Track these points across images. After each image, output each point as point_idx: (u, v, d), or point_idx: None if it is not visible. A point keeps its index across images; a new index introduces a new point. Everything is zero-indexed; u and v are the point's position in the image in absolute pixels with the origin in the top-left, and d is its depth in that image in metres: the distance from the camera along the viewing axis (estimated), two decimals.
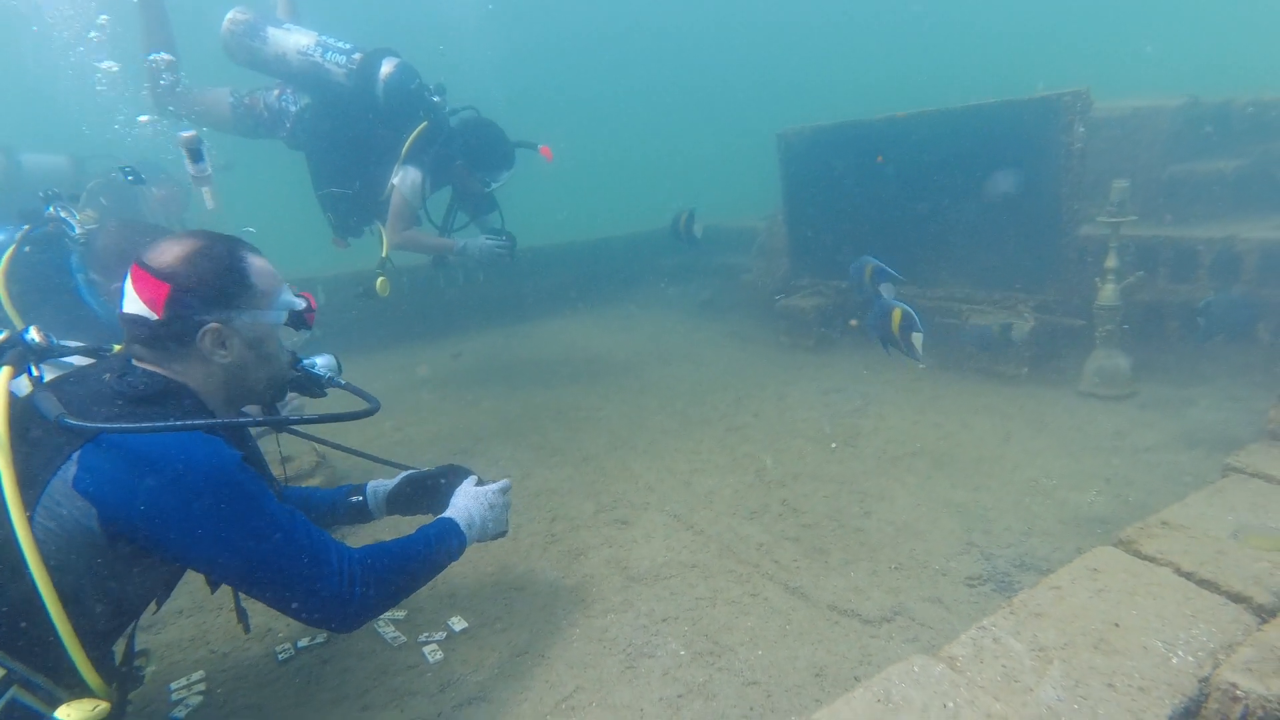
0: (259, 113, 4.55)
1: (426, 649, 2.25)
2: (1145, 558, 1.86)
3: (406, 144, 4.35)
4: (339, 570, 1.62)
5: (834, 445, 3.71)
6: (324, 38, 4.37)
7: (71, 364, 1.79)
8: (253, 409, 1.99)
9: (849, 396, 4.47)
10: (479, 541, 2.10)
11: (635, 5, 25.61)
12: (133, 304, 1.60)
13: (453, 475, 2.27)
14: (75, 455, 1.43)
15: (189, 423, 1.52)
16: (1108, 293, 4.02)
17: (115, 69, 5.82)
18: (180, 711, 2.09)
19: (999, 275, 4.76)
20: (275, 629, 2.44)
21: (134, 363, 1.65)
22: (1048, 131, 4.24)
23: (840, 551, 2.71)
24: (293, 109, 4.52)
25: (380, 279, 4.54)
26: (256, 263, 1.73)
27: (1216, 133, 5.00)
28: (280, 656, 2.29)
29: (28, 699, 1.42)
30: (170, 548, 1.49)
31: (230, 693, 2.16)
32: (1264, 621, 1.60)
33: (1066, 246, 4.39)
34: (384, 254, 4.65)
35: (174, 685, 2.19)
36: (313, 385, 2.04)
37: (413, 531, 1.94)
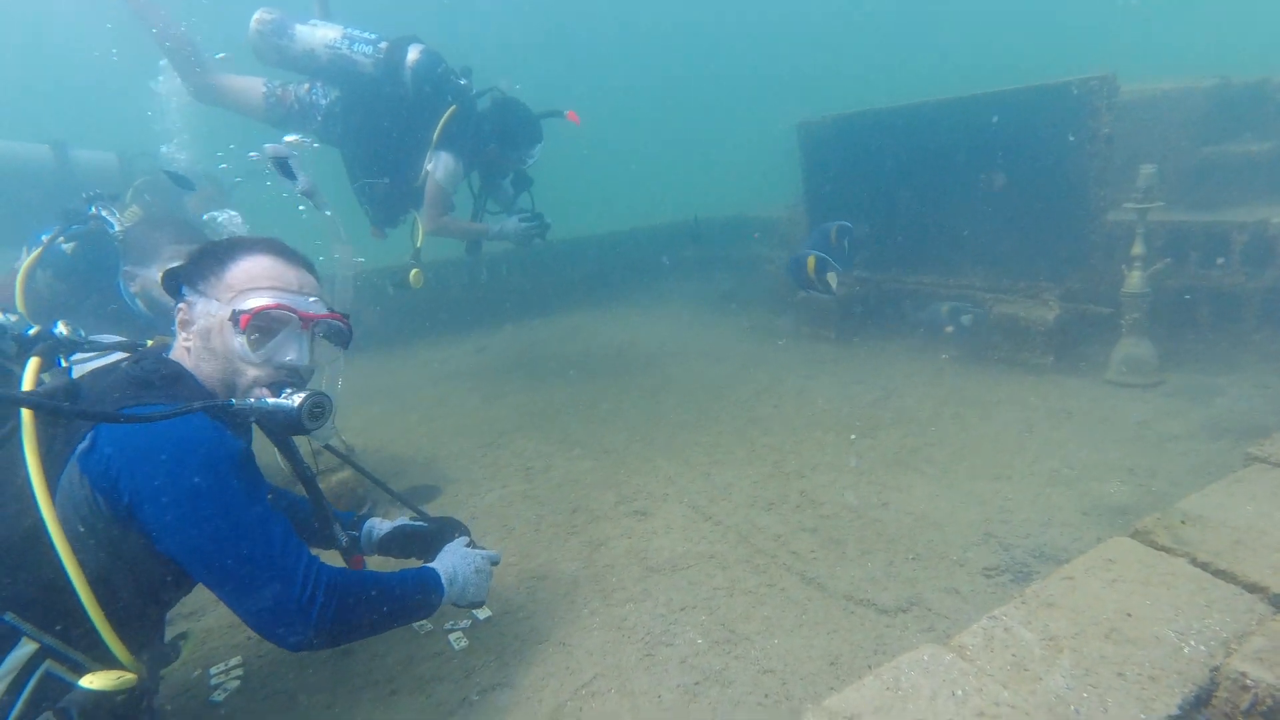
0: (289, 105, 4.60)
1: (452, 636, 2.33)
2: (1161, 548, 1.85)
3: (438, 129, 4.38)
4: (303, 581, 1.55)
5: (853, 437, 3.72)
6: (350, 30, 4.43)
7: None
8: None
9: (870, 388, 4.47)
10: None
11: None
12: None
13: (448, 529, 2.28)
14: (89, 435, 1.48)
15: (185, 405, 1.51)
16: (1134, 280, 3.96)
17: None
18: (219, 695, 2.19)
19: (1024, 263, 4.71)
20: None
21: (161, 353, 1.73)
22: (1073, 117, 4.18)
23: (857, 542, 2.73)
24: (323, 103, 4.57)
25: (414, 270, 4.60)
26: (250, 263, 1.72)
27: (1249, 114, 4.88)
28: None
29: (61, 671, 1.48)
30: (148, 526, 1.48)
31: (266, 678, 2.25)
32: (1279, 611, 1.59)
33: (1093, 233, 4.33)
34: (417, 244, 4.71)
35: (213, 670, 2.29)
36: (272, 422, 1.71)
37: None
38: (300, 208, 3.70)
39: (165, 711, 2.13)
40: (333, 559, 1.90)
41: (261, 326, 1.70)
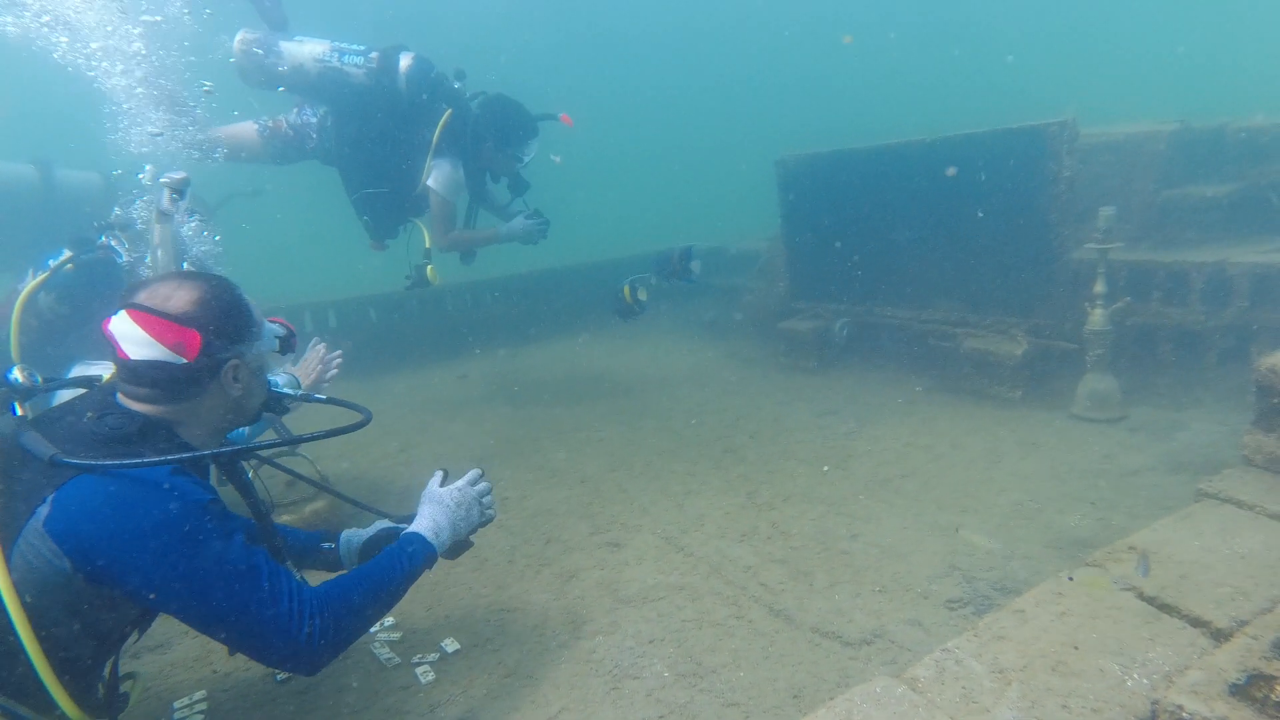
0: (285, 134, 4.57)
1: (419, 670, 2.33)
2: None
3: (435, 135, 4.36)
4: (293, 614, 1.60)
5: (826, 468, 3.78)
6: (337, 43, 4.40)
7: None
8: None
9: (844, 419, 4.54)
10: (455, 541, 2.08)
11: (642, 24, 26.04)
12: (146, 349, 1.61)
13: None
14: (50, 497, 1.46)
15: (174, 457, 1.57)
16: (1097, 317, 4.08)
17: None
18: None
19: (993, 299, 4.83)
20: None
21: (119, 400, 1.69)
22: (1036, 159, 4.33)
23: (825, 574, 2.77)
24: (314, 120, 4.54)
25: (429, 267, 4.60)
26: (247, 298, 1.83)
27: (1209, 158, 5.07)
28: (279, 676, 2.37)
29: None
30: (132, 591, 1.52)
31: (230, 712, 2.24)
32: (1220, 645, 1.65)
33: (1057, 271, 4.46)
34: (426, 245, 4.66)
35: (177, 704, 2.27)
36: (277, 404, 2.09)
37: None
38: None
39: None
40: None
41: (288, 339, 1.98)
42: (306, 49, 4.38)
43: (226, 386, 1.74)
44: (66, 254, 3.24)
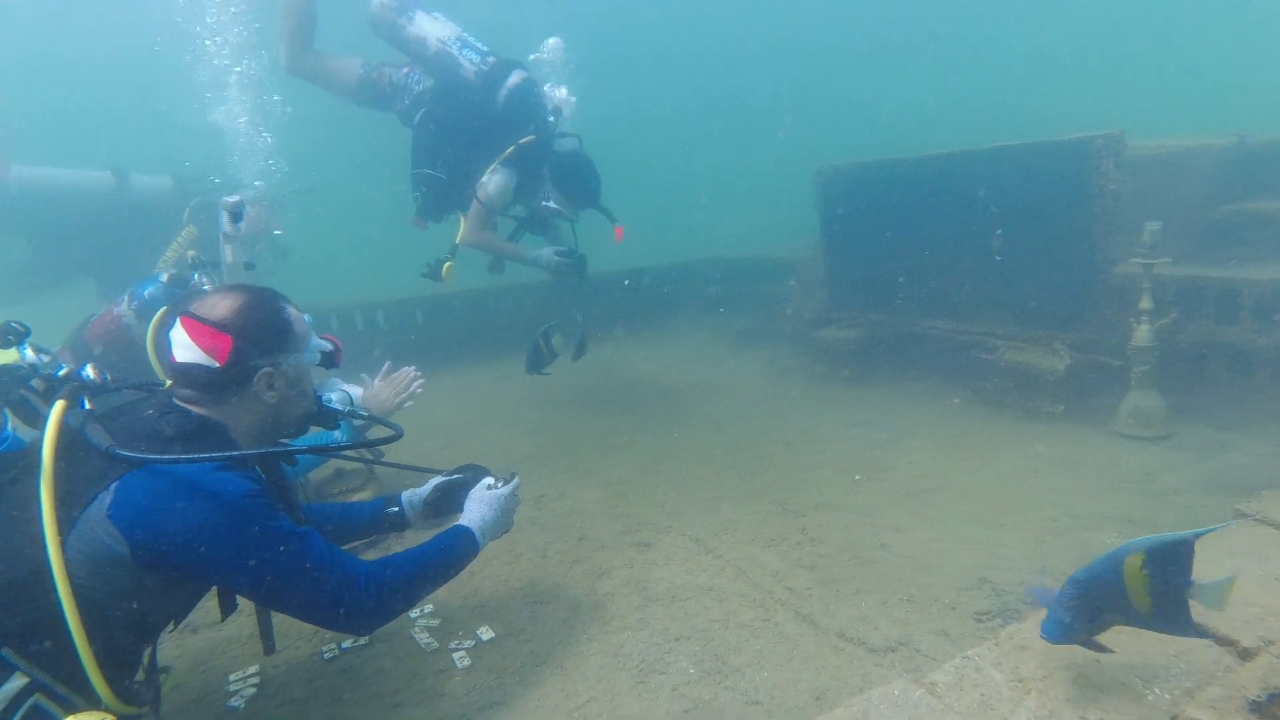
0: (382, 86, 4.85)
1: (456, 655, 2.44)
2: None
3: (510, 149, 4.56)
4: (347, 579, 1.78)
5: (858, 477, 3.79)
6: (465, 35, 4.69)
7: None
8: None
9: (878, 429, 4.54)
10: (493, 539, 2.31)
11: (684, 32, 26.18)
12: (189, 353, 1.77)
13: (471, 475, 2.49)
14: (113, 485, 1.59)
15: (224, 454, 1.70)
16: (1142, 333, 4.01)
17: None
18: (237, 701, 2.32)
19: (1035, 312, 4.78)
20: (322, 631, 2.65)
21: (176, 402, 1.82)
22: (1082, 172, 4.28)
23: (853, 581, 2.80)
24: (416, 89, 4.79)
25: (448, 264, 4.75)
26: (292, 311, 1.95)
27: (1266, 173, 4.93)
28: (326, 655, 2.51)
29: (49, 705, 1.55)
30: (198, 573, 1.68)
31: (280, 686, 2.38)
32: (1244, 664, 1.65)
33: (1102, 285, 4.39)
34: (455, 241, 4.83)
35: (232, 677, 2.42)
36: (327, 419, 2.18)
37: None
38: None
39: (182, 716, 2.27)
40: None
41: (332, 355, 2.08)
42: (437, 27, 4.67)
43: (260, 394, 1.85)
44: (164, 279, 3.45)
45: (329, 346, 2.06)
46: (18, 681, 1.52)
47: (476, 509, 2.28)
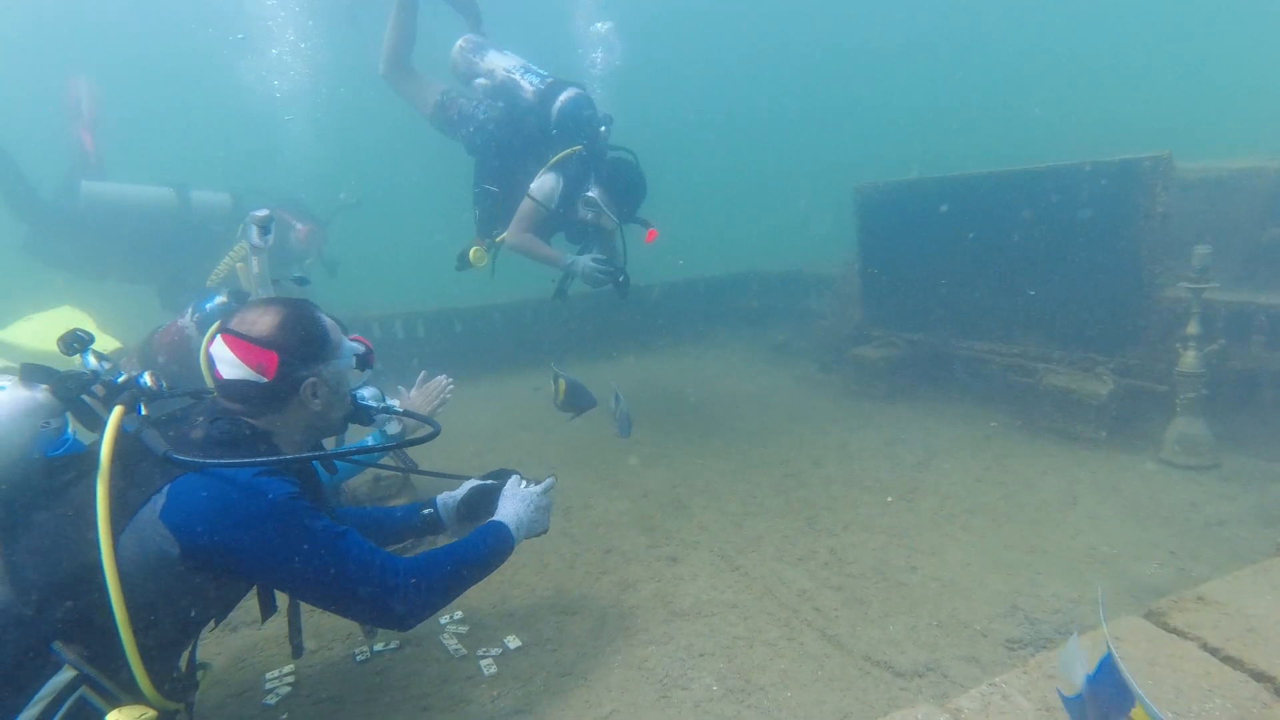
0: (451, 113, 5.11)
1: (483, 662, 2.48)
2: (1172, 630, 1.87)
3: (556, 156, 4.72)
4: (386, 574, 1.84)
5: (890, 499, 3.75)
6: (530, 64, 5.00)
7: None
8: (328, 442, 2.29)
9: (913, 449, 4.48)
10: (527, 538, 2.36)
11: (728, 46, 26.26)
12: (236, 369, 1.85)
13: (504, 480, 2.55)
14: (165, 489, 1.66)
15: (273, 459, 1.79)
16: (1189, 359, 3.90)
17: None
18: (272, 699, 2.40)
19: (1078, 335, 4.67)
20: (355, 634, 2.73)
21: (224, 407, 1.91)
22: (1128, 194, 4.19)
23: (881, 604, 2.77)
24: (480, 117, 5.04)
25: (476, 248, 4.85)
26: (326, 319, 2.02)
27: None
28: (359, 658, 2.58)
29: (94, 698, 1.61)
30: (246, 572, 1.76)
31: (315, 686, 2.46)
32: None
33: (1148, 309, 4.28)
34: (498, 238, 4.95)
35: (269, 675, 2.51)
36: (363, 415, 2.29)
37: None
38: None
39: (220, 711, 2.35)
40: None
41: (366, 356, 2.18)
42: (504, 59, 5.02)
43: (306, 402, 1.94)
44: (221, 298, 3.62)
45: (361, 348, 2.16)
46: (65, 675, 1.59)
47: (510, 505, 2.36)
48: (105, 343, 4.01)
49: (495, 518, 2.30)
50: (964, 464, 4.19)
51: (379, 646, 2.63)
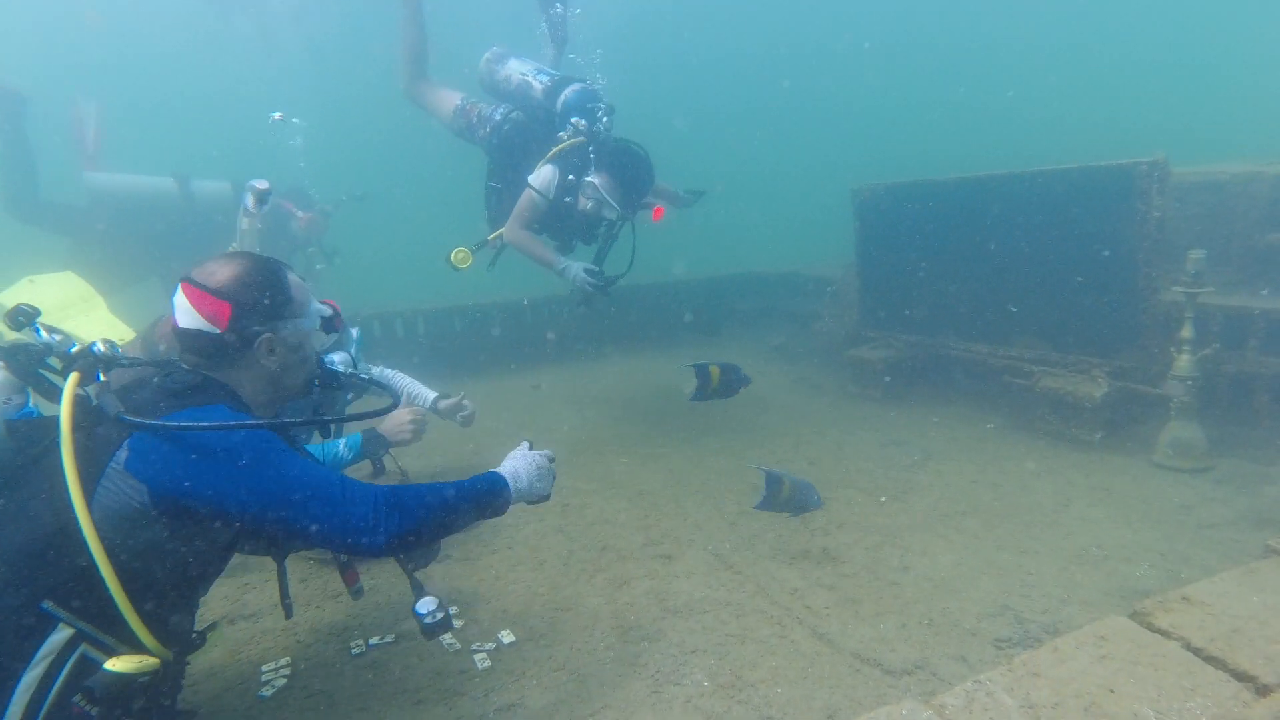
0: (471, 118, 5.21)
1: (477, 657, 2.51)
2: (1156, 630, 1.89)
3: (556, 148, 4.72)
4: (359, 500, 1.76)
5: (884, 499, 3.77)
6: (544, 66, 5.14)
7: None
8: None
9: (909, 450, 4.50)
10: (525, 499, 2.17)
11: (726, 47, 26.25)
12: (190, 319, 1.82)
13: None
14: (126, 442, 1.66)
15: (228, 424, 1.74)
16: (1183, 363, 3.92)
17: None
18: (267, 690, 2.42)
19: (1074, 338, 4.70)
20: (351, 628, 2.76)
21: (180, 365, 1.88)
22: (1124, 198, 4.21)
23: (873, 603, 2.79)
24: (496, 119, 5.12)
25: (460, 250, 4.83)
26: (292, 278, 1.98)
27: None
28: (354, 651, 2.60)
29: (95, 654, 1.63)
30: (216, 506, 1.68)
31: (310, 677, 2.48)
32: (1262, 700, 1.62)
33: (1142, 313, 4.30)
34: (492, 236, 4.97)
35: (265, 667, 2.53)
36: (332, 381, 2.18)
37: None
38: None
39: (216, 702, 2.38)
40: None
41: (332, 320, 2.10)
42: (521, 65, 5.16)
43: (262, 358, 1.89)
44: None
45: (329, 311, 2.08)
46: (63, 633, 1.60)
47: (510, 462, 2.21)
48: (121, 332, 4.00)
49: (494, 470, 2.18)
50: (959, 465, 4.22)
51: (374, 640, 2.66)
